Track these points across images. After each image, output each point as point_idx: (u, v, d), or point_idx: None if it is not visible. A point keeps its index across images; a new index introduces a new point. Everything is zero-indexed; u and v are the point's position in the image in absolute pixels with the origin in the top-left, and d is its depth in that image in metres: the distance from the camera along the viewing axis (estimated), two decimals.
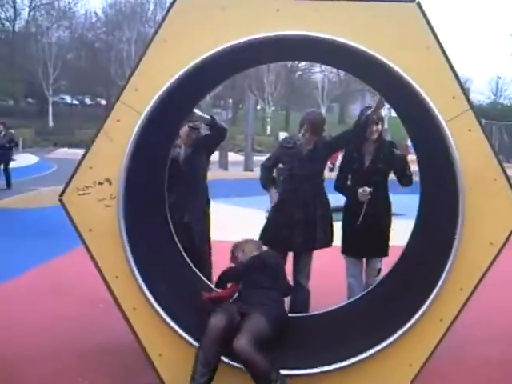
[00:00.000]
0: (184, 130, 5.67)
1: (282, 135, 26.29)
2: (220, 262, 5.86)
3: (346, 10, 3.98)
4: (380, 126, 5.55)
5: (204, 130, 5.81)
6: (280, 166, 5.89)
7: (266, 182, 5.89)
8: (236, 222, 6.19)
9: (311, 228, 5.51)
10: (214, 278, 5.65)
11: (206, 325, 3.97)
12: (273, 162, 5.91)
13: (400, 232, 5.49)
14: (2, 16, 63.73)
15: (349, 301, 5.40)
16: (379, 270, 5.57)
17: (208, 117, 5.49)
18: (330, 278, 5.24)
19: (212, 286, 5.31)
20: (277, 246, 5.48)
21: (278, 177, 6.11)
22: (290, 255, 5.69)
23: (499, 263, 4.08)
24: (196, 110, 5.39)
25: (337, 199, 5.78)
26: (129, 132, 3.93)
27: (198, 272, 5.26)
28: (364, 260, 5.70)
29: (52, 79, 57.96)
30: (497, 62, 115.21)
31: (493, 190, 3.98)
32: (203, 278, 5.28)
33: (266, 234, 5.65)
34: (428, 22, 3.90)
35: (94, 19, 65.23)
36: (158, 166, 5.09)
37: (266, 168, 5.91)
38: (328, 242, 5.65)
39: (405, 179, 5.55)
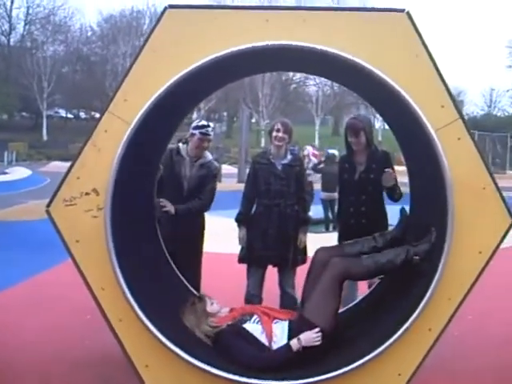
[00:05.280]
0: (194, 140, 5.64)
1: None
2: (214, 273, 5.88)
3: (334, 20, 3.99)
4: (363, 138, 5.45)
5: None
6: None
7: (243, 217, 5.73)
8: (229, 233, 6.18)
9: (284, 246, 5.55)
10: (203, 288, 5.68)
11: None
12: (253, 179, 5.72)
13: None
14: None
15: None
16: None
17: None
18: None
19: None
20: (253, 260, 5.61)
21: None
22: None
23: (489, 272, 4.07)
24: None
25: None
26: (117, 142, 3.90)
27: (186, 282, 5.24)
28: None
29: (46, 93, 58.09)
30: (491, 74, 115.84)
31: (482, 199, 3.97)
32: (191, 289, 5.26)
33: (242, 250, 5.73)
34: (417, 31, 3.91)
35: (89, 33, 65.62)
36: (147, 176, 5.06)
37: (249, 199, 5.74)
38: (300, 262, 5.71)
39: (394, 195, 5.46)
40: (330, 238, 6.21)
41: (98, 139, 4.01)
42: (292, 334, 4.26)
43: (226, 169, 27.29)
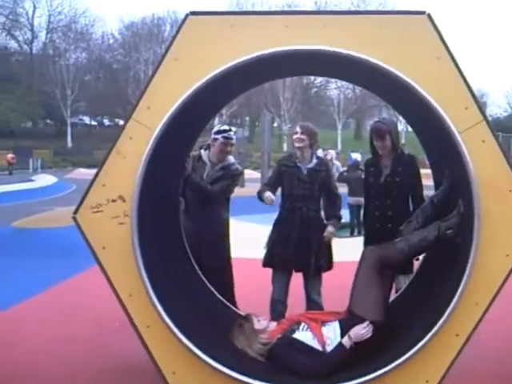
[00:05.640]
0: (216, 145, 5.66)
1: None
2: (238, 278, 5.88)
3: (355, 23, 3.98)
4: (388, 142, 5.37)
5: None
6: None
7: (263, 188, 5.69)
8: (253, 238, 6.18)
9: (306, 251, 5.47)
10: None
11: None
12: (275, 180, 5.72)
13: None
14: (20, 39, 64.92)
15: None
16: None
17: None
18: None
19: (227, 303, 5.30)
20: (276, 264, 5.55)
21: None
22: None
23: None
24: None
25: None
26: (141, 149, 3.92)
27: (211, 288, 5.25)
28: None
29: (70, 101, 58.70)
30: None
31: (508, 201, 3.91)
32: (217, 295, 5.26)
33: (266, 254, 5.68)
34: (439, 33, 3.88)
35: (111, 41, 66.14)
36: (172, 183, 5.09)
37: (269, 186, 5.70)
38: (324, 268, 5.61)
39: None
40: (355, 243, 6.17)
41: (122, 146, 4.04)
42: (344, 333, 4.25)
43: (248, 173, 27.21)
